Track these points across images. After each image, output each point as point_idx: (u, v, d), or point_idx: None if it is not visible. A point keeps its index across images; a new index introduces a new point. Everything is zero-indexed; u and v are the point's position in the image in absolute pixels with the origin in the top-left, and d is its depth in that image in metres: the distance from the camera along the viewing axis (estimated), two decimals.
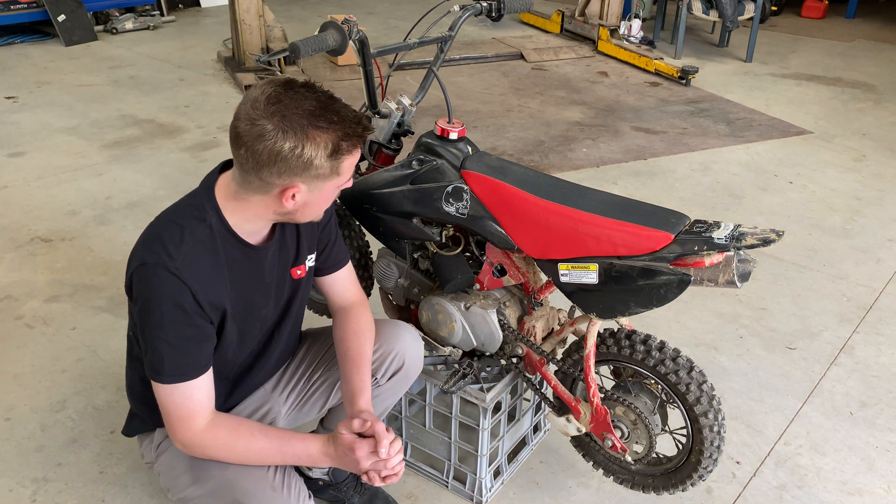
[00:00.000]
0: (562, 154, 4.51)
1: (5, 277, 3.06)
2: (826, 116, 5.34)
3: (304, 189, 1.36)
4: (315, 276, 1.71)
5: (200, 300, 1.36)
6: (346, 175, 1.41)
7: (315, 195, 1.40)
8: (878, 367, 2.68)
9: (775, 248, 3.36)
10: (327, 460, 1.42)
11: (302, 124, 1.29)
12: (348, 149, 1.35)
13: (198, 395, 1.39)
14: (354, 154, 1.38)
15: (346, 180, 1.43)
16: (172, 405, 1.38)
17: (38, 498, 2.04)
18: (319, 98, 1.33)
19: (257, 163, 1.32)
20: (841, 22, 8.46)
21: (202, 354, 1.40)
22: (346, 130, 1.33)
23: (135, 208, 3.64)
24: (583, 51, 6.79)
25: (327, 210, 1.65)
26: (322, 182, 1.37)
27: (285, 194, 1.35)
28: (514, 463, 2.17)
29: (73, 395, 2.41)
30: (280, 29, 5.83)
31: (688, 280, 1.54)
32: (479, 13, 2.05)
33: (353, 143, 1.36)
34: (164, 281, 1.32)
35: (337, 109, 1.34)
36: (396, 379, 1.74)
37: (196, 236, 1.37)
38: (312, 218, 1.48)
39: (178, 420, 1.39)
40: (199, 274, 1.36)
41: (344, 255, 1.73)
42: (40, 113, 4.92)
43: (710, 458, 1.78)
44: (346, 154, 1.36)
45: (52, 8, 6.41)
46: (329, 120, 1.32)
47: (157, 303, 1.33)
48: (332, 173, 1.37)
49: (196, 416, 1.39)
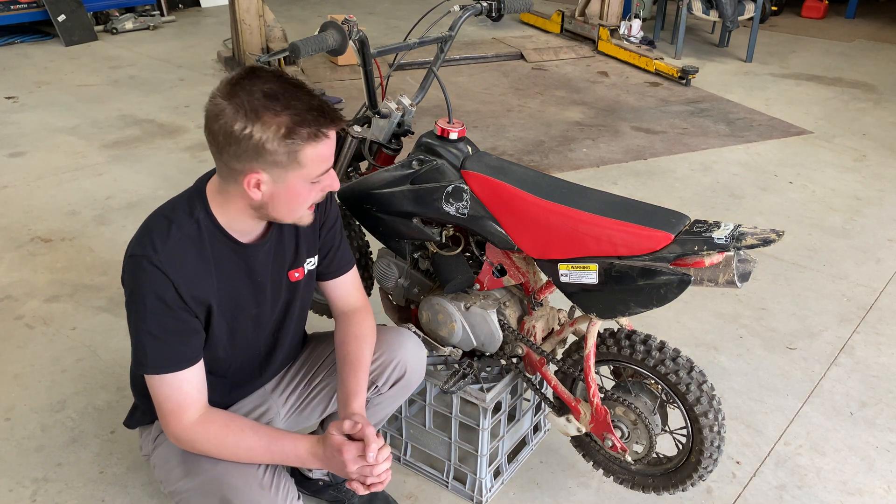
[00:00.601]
0: (562, 154, 4.51)
1: (5, 277, 3.06)
2: (826, 116, 5.34)
3: (266, 179, 1.32)
4: (318, 280, 1.70)
5: (183, 294, 1.36)
6: (311, 168, 1.33)
7: (281, 188, 1.34)
8: (878, 367, 2.68)
9: (775, 248, 3.36)
10: (315, 461, 1.41)
11: (255, 105, 1.26)
12: (308, 137, 1.29)
13: (186, 388, 1.39)
14: (317, 145, 1.31)
15: (314, 175, 1.35)
16: (162, 397, 1.39)
17: (38, 498, 2.04)
18: (283, 83, 1.30)
19: (217, 145, 1.31)
20: (841, 22, 8.47)
21: (188, 348, 1.40)
22: (305, 117, 1.28)
23: (135, 208, 3.64)
24: (583, 51, 6.79)
25: (330, 213, 1.64)
26: (283, 172, 1.32)
27: (248, 182, 1.33)
28: (514, 463, 2.17)
29: (73, 395, 2.41)
30: (280, 29, 5.83)
31: (688, 280, 1.54)
32: (479, 13, 2.05)
33: (313, 133, 1.29)
34: (147, 273, 1.34)
35: (299, 96, 1.29)
36: (398, 387, 1.74)
37: (183, 231, 1.38)
38: (292, 217, 1.43)
39: (170, 413, 1.39)
40: (184, 268, 1.36)
41: (348, 260, 1.72)
42: (40, 113, 4.92)
43: (710, 458, 1.78)
44: (305, 143, 1.29)
45: (52, 8, 6.41)
46: (285, 104, 1.27)
47: (141, 294, 1.35)
48: (291, 162, 1.30)
49: (186, 408, 1.39)
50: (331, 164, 1.39)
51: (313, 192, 1.40)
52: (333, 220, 1.66)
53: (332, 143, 1.36)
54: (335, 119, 1.33)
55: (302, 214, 1.44)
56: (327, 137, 1.33)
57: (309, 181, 1.36)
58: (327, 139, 1.34)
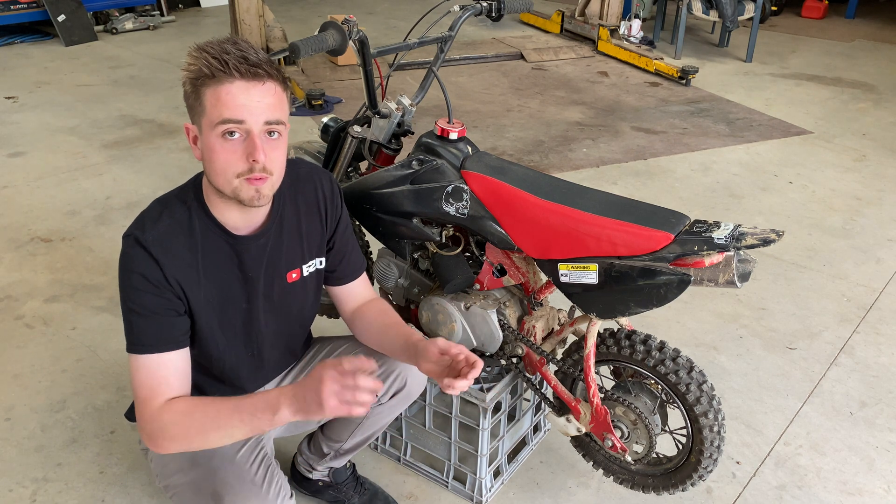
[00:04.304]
0: (562, 154, 4.51)
1: (5, 277, 3.06)
2: (826, 116, 5.34)
3: (193, 128, 1.36)
4: (328, 285, 1.70)
5: (167, 274, 1.38)
6: (210, 112, 1.28)
7: (204, 140, 1.32)
8: (878, 367, 2.68)
9: (775, 248, 3.36)
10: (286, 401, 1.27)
11: (194, 56, 1.30)
12: (208, 76, 1.26)
13: (163, 372, 1.37)
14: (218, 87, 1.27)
15: (214, 120, 1.28)
16: (137, 383, 1.37)
17: (38, 498, 2.04)
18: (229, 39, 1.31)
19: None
20: (841, 22, 8.47)
21: (173, 330, 1.39)
22: (217, 59, 1.26)
23: (135, 208, 3.64)
24: (583, 51, 6.79)
25: (342, 218, 1.63)
26: (198, 118, 1.32)
27: (186, 133, 1.38)
28: (514, 463, 2.17)
29: (73, 395, 2.41)
30: (280, 29, 5.83)
31: (688, 280, 1.54)
32: (479, 13, 2.05)
33: (214, 70, 1.26)
34: (134, 251, 1.37)
35: (226, 46, 1.28)
36: (398, 398, 1.74)
37: (175, 217, 1.41)
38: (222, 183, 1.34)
39: (143, 400, 1.36)
40: (170, 250, 1.39)
41: (360, 264, 1.71)
42: (40, 113, 4.92)
43: (710, 458, 1.78)
44: (210, 81, 1.27)
45: (52, 8, 6.41)
46: (209, 51, 1.28)
47: (128, 272, 1.38)
48: (197, 104, 1.30)
49: (159, 395, 1.36)
50: (241, 118, 1.29)
51: (229, 153, 1.31)
52: (345, 225, 1.66)
53: (245, 94, 1.28)
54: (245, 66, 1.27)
55: (235, 185, 1.33)
56: (231, 82, 1.27)
57: (216, 132, 1.29)
58: (231, 83, 1.27)
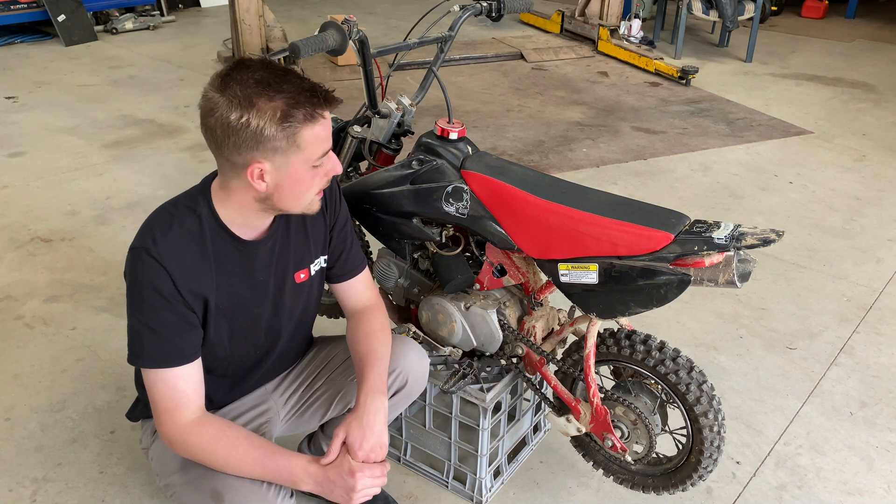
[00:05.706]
0: (562, 154, 4.51)
1: (5, 277, 3.06)
2: (826, 116, 5.34)
3: (269, 167, 1.33)
4: (329, 282, 1.70)
5: (180, 287, 1.36)
6: (310, 150, 1.33)
7: (284, 175, 1.34)
8: (878, 367, 2.68)
9: (775, 248, 3.36)
10: (309, 481, 1.38)
11: (248, 94, 1.27)
12: (303, 119, 1.30)
13: (182, 386, 1.38)
14: (314, 126, 1.32)
15: (314, 157, 1.35)
16: (158, 394, 1.38)
17: (38, 498, 2.04)
18: (272, 70, 1.31)
19: (215, 140, 1.31)
20: (841, 22, 8.47)
21: (185, 343, 1.39)
22: (297, 98, 1.29)
23: (135, 208, 3.64)
24: (583, 51, 6.79)
25: (340, 215, 1.64)
26: (284, 157, 1.32)
27: (251, 173, 1.33)
28: (514, 463, 2.17)
29: (73, 395, 2.41)
30: (280, 29, 5.83)
31: (688, 280, 1.54)
32: (479, 13, 2.05)
33: (308, 113, 1.30)
34: (145, 265, 1.34)
35: (289, 80, 1.30)
36: (399, 396, 1.73)
37: (185, 226, 1.39)
38: (299, 206, 1.42)
39: (165, 411, 1.38)
40: (182, 262, 1.37)
41: (360, 261, 1.71)
42: (40, 113, 4.92)
43: (710, 458, 1.77)
44: (302, 124, 1.30)
45: (52, 8, 6.41)
46: (277, 89, 1.28)
47: (139, 286, 1.35)
48: (291, 146, 1.31)
49: (182, 408, 1.38)
50: (329, 146, 1.38)
51: (316, 177, 1.39)
52: (343, 221, 1.66)
53: (328, 125, 1.36)
54: (329, 99, 1.34)
55: (310, 201, 1.43)
56: (323, 118, 1.34)
57: (310, 165, 1.36)
58: (323, 119, 1.34)
